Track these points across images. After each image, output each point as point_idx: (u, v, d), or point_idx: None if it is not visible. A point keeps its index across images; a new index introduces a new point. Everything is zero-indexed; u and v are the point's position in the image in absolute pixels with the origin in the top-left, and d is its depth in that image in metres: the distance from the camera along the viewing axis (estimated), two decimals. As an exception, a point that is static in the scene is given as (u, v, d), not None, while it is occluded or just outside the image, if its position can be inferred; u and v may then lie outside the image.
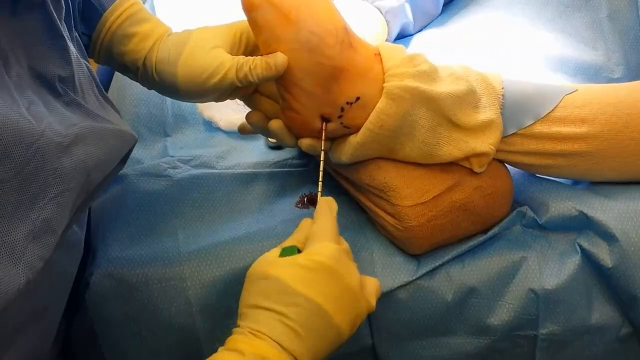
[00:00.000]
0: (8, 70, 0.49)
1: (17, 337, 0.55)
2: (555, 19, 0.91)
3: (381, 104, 0.67)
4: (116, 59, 0.69)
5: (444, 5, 1.00)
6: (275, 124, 0.71)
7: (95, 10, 0.66)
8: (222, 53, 0.66)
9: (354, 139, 0.69)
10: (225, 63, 0.65)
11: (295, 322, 0.56)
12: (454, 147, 0.70)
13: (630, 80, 0.85)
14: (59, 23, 0.54)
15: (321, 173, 0.69)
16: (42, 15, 0.52)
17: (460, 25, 0.95)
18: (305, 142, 0.70)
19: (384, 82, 0.67)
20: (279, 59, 0.64)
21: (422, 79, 0.68)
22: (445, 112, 0.69)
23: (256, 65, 0.64)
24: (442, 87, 0.68)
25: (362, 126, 0.68)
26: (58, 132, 0.51)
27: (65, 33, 0.56)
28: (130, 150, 0.65)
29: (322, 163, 0.69)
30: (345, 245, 0.64)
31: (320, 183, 0.68)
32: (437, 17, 1.00)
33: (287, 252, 0.61)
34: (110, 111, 0.63)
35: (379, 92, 0.67)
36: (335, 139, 0.71)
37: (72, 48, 0.57)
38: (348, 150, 0.70)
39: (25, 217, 0.47)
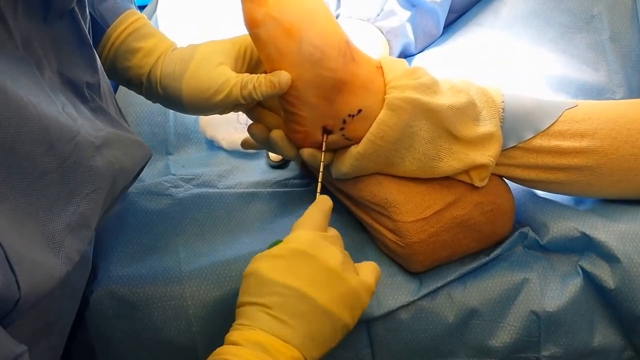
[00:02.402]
0: (42, 73, 0.50)
1: (29, 352, 0.55)
2: (557, 39, 0.91)
3: (382, 115, 0.68)
4: (120, 74, 0.70)
5: (445, 26, 1.01)
6: (277, 134, 0.71)
7: (98, 26, 0.67)
8: (227, 70, 0.66)
9: (355, 149, 0.69)
10: (230, 80, 0.65)
11: (277, 309, 0.58)
12: (454, 159, 0.70)
13: (632, 101, 0.86)
14: (87, 32, 0.56)
15: (319, 184, 0.69)
16: (70, 24, 0.54)
17: (461, 45, 0.95)
18: (307, 152, 0.70)
19: (385, 94, 0.68)
20: (283, 77, 0.65)
21: (423, 91, 0.68)
22: (445, 124, 0.69)
23: (260, 83, 0.65)
24: (443, 100, 0.69)
25: (363, 138, 0.68)
26: (90, 132, 0.53)
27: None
28: (145, 165, 0.66)
29: (320, 174, 0.70)
30: (333, 233, 0.65)
31: (318, 193, 0.69)
32: (439, 37, 1.00)
33: (271, 246, 0.63)
34: (125, 124, 0.64)
35: (381, 104, 0.68)
36: (336, 151, 0.72)
37: (98, 58, 0.58)
38: (348, 160, 0.70)
39: (64, 210, 0.49)
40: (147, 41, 0.68)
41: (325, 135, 0.69)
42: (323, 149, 0.70)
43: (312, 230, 0.62)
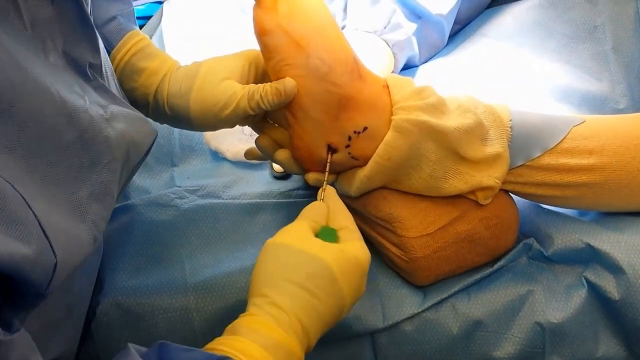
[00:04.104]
0: (47, 55, 0.51)
1: (54, 334, 0.58)
2: (560, 49, 0.91)
3: (389, 137, 0.67)
4: (127, 95, 0.70)
5: (449, 37, 1.01)
6: (282, 155, 0.71)
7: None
8: (233, 83, 0.67)
9: (362, 173, 0.69)
10: (237, 93, 0.66)
11: (323, 310, 0.58)
12: (460, 180, 0.70)
13: (635, 111, 0.86)
14: (89, 13, 0.57)
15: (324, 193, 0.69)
16: (73, 5, 0.55)
17: (465, 55, 0.96)
18: (312, 177, 0.70)
19: (391, 113, 0.68)
20: (288, 84, 0.65)
21: (430, 112, 0.68)
22: (453, 145, 0.69)
23: (267, 92, 0.65)
24: (450, 121, 0.68)
25: (369, 157, 0.68)
26: (98, 107, 0.55)
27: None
28: (153, 142, 0.65)
29: (325, 183, 0.70)
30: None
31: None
32: (443, 48, 1.00)
33: (327, 235, 0.62)
34: (128, 103, 0.65)
35: (387, 123, 0.68)
36: (341, 173, 0.72)
37: (100, 40, 0.59)
38: (355, 184, 0.70)
39: (87, 179, 0.51)
40: (152, 61, 0.69)
41: (330, 154, 0.69)
42: (328, 161, 0.69)
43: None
